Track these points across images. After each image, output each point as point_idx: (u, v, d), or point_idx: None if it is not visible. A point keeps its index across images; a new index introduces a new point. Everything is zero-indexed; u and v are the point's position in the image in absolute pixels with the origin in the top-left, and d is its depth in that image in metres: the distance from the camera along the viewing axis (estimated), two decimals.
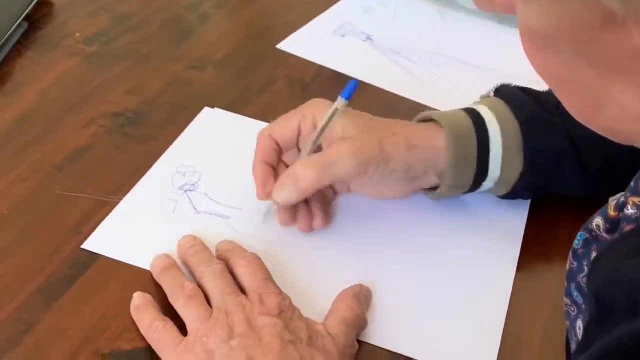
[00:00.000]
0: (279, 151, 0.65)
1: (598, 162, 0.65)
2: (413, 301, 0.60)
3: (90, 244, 0.62)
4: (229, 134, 0.75)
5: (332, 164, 0.60)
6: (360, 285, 0.59)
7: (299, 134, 0.64)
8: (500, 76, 0.85)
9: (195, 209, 0.66)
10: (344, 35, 0.92)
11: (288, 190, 0.61)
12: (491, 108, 0.65)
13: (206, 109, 0.78)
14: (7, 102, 0.77)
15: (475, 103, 0.67)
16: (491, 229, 0.67)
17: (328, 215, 0.65)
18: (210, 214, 0.66)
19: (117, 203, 0.66)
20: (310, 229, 0.64)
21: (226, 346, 0.50)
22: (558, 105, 0.62)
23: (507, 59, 0.89)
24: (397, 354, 0.56)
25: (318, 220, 0.64)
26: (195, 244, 0.60)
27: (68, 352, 0.54)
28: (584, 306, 0.52)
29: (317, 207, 0.64)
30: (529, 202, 0.69)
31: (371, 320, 0.57)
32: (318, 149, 0.63)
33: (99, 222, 0.64)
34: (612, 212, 0.49)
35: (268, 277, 0.57)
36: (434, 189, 0.65)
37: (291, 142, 0.64)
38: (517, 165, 0.64)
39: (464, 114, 0.64)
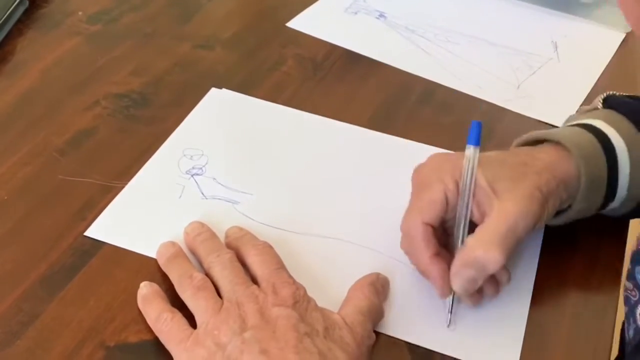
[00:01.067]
0: (438, 234, 0.56)
1: None
2: (431, 291, 0.57)
3: (94, 231, 0.59)
4: (238, 115, 0.72)
5: (511, 230, 0.53)
6: (377, 274, 0.56)
7: (447, 204, 0.55)
8: (516, 52, 0.84)
9: (202, 193, 0.63)
10: (356, 13, 0.89)
11: (473, 279, 0.53)
12: (610, 123, 0.59)
13: (213, 90, 0.75)
14: (7, 83, 0.75)
15: (586, 116, 0.61)
16: None
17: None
18: (219, 199, 0.63)
19: (122, 188, 0.63)
20: (499, 290, 0.57)
21: (238, 339, 0.48)
22: None
23: (522, 35, 0.88)
24: (416, 345, 0.53)
25: (505, 276, 0.56)
26: (203, 231, 0.58)
27: (71, 345, 0.52)
28: None
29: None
30: None
31: (388, 311, 0.55)
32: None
33: (103, 208, 0.62)
34: None
35: (281, 266, 0.54)
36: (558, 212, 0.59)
37: (445, 217, 0.56)
38: None
39: (585, 132, 0.59)
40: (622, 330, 0.53)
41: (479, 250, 0.52)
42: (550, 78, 0.81)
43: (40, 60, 0.78)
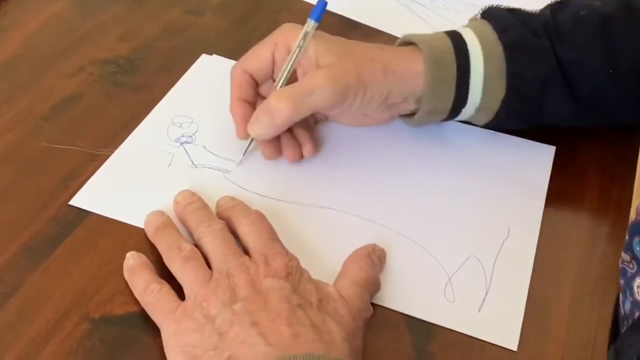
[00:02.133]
0: (255, 85, 0.62)
1: (586, 90, 0.62)
2: (429, 262, 0.56)
3: (79, 200, 0.57)
4: (228, 82, 0.70)
5: (308, 94, 0.57)
6: (374, 245, 0.55)
7: (273, 64, 0.61)
8: None
9: (192, 162, 0.61)
10: None
11: (264, 125, 0.58)
12: (476, 31, 0.61)
13: (203, 56, 0.73)
14: None
15: (463, 26, 0.63)
16: (513, 182, 0.62)
17: (315, 141, 0.63)
18: (209, 167, 0.61)
19: (108, 156, 0.61)
20: (299, 157, 0.61)
21: (228, 311, 0.46)
22: (548, 26, 0.61)
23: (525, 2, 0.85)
24: (413, 318, 0.52)
25: (308, 147, 0.61)
26: (194, 200, 0.56)
27: (55, 317, 0.50)
28: None
29: (303, 134, 0.62)
30: (552, 151, 0.65)
31: (385, 283, 0.53)
32: (293, 77, 0.60)
33: (89, 177, 0.59)
34: None
35: (273, 236, 0.52)
36: (411, 114, 0.63)
37: (266, 73, 0.62)
38: (499, 91, 0.60)
39: (445, 36, 0.61)
40: (617, 304, 0.52)
41: (273, 99, 0.58)
42: None
43: (24, 25, 0.75)
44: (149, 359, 0.48)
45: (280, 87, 0.60)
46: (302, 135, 0.62)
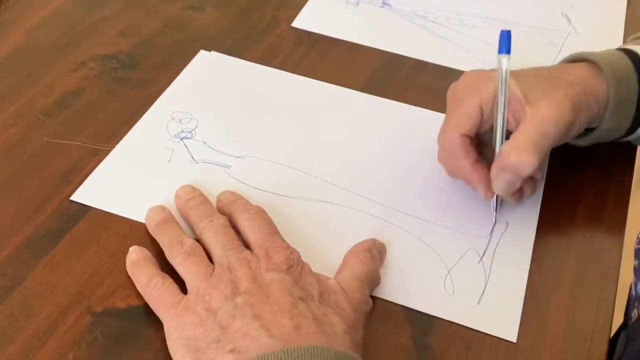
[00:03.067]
0: (476, 142, 0.59)
1: None
2: (429, 255, 0.56)
3: (80, 195, 0.58)
4: (228, 78, 0.70)
5: (543, 137, 0.55)
6: (374, 240, 0.55)
7: (482, 116, 0.57)
8: (535, 30, 0.82)
9: (192, 157, 0.62)
10: (357, 4, 0.84)
11: (509, 181, 0.56)
12: None
13: (202, 52, 0.73)
14: None
15: (630, 44, 0.62)
16: None
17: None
18: (210, 162, 0.61)
19: (109, 151, 0.61)
20: (536, 188, 0.60)
21: (230, 304, 0.46)
22: None
23: (532, 11, 0.85)
24: (413, 310, 0.52)
25: (539, 174, 0.60)
26: (195, 195, 0.56)
27: (57, 310, 0.50)
28: None
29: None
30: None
31: (385, 276, 0.54)
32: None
33: (90, 172, 0.60)
34: None
35: (274, 230, 0.53)
36: (586, 132, 0.61)
37: (480, 127, 0.58)
38: None
39: (620, 53, 0.60)
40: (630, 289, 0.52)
41: (513, 156, 0.54)
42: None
43: (25, 20, 0.76)
44: (151, 352, 0.48)
45: (502, 140, 0.57)
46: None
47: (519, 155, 0.54)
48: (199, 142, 0.63)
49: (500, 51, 0.56)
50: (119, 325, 0.50)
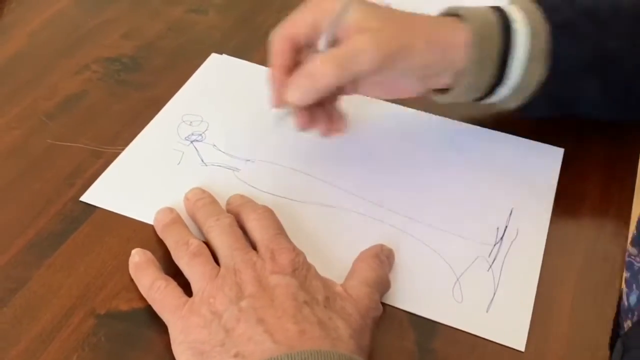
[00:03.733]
0: (298, 51, 0.59)
1: (621, 81, 0.61)
2: (437, 262, 0.56)
3: (90, 196, 0.58)
4: (239, 81, 0.70)
5: (353, 58, 0.55)
6: (382, 245, 0.54)
7: (315, 29, 0.57)
8: None
9: (202, 160, 0.62)
10: None
11: (305, 89, 0.56)
12: (522, 8, 0.60)
13: (214, 55, 0.73)
14: None
15: (508, 3, 0.62)
16: (522, 183, 0.62)
17: (345, 119, 0.61)
18: (219, 165, 0.61)
19: (113, 153, 0.61)
20: (330, 132, 0.60)
21: (235, 308, 0.46)
22: (594, 12, 0.59)
23: None
24: (417, 316, 0.52)
25: (341, 123, 0.60)
26: (204, 196, 0.56)
27: (60, 313, 0.50)
28: None
29: (334, 109, 0.61)
30: (561, 154, 0.65)
31: (392, 282, 0.53)
32: (334, 43, 0.57)
33: (93, 173, 0.60)
34: None
35: (281, 231, 0.52)
36: (444, 90, 0.61)
37: (309, 39, 0.58)
38: (540, 72, 0.59)
39: (491, 11, 0.60)
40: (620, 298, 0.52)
41: (317, 62, 0.55)
42: None
43: (28, 22, 0.76)
44: (154, 355, 0.48)
45: (323, 50, 0.57)
46: (333, 111, 0.61)
47: (322, 63, 0.55)
48: (209, 145, 0.63)
49: None
50: (122, 327, 0.49)
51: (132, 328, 0.49)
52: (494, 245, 0.57)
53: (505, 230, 0.58)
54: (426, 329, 0.51)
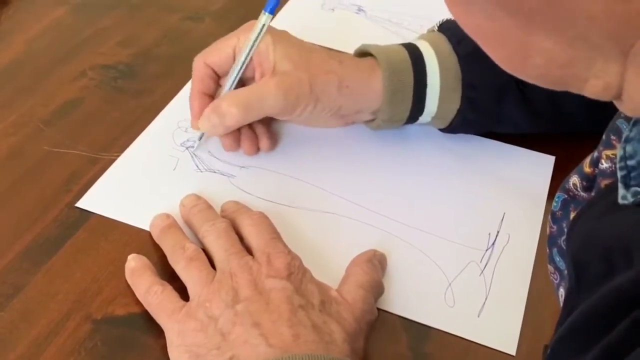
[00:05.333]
0: (216, 78, 0.62)
1: (542, 99, 0.62)
2: (430, 267, 0.56)
3: (86, 202, 0.58)
4: None
5: (258, 102, 0.59)
6: (374, 250, 0.55)
7: (234, 59, 0.61)
8: None
9: (197, 166, 0.62)
10: (333, 10, 0.85)
11: (213, 124, 0.59)
12: (431, 43, 0.62)
13: None
14: None
15: (417, 38, 0.64)
16: (514, 190, 0.63)
17: (273, 136, 0.64)
18: (214, 171, 0.62)
19: (109, 160, 0.62)
20: (256, 151, 0.63)
21: (230, 311, 0.47)
22: None
23: None
24: (409, 321, 0.52)
25: (264, 142, 0.63)
26: (199, 202, 0.57)
27: (57, 318, 0.50)
28: (565, 272, 0.48)
29: (261, 128, 0.63)
30: (552, 161, 0.66)
31: (386, 287, 0.54)
32: (251, 74, 0.61)
33: (90, 180, 0.60)
34: (587, 169, 0.46)
35: (276, 236, 0.53)
36: (371, 120, 0.64)
37: (227, 67, 0.61)
38: (455, 101, 0.61)
39: (401, 48, 0.62)
40: None
41: (224, 102, 0.59)
42: None
43: (26, 30, 0.76)
44: (150, 359, 0.49)
45: (231, 86, 0.60)
46: (260, 130, 0.63)
47: (229, 103, 0.58)
48: (204, 151, 0.64)
49: (265, 9, 0.58)
50: (118, 332, 0.50)
51: (128, 333, 0.50)
52: (486, 250, 0.58)
53: (497, 236, 0.59)
54: (419, 334, 0.52)
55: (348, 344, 0.46)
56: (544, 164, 0.65)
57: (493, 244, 0.58)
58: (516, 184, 0.63)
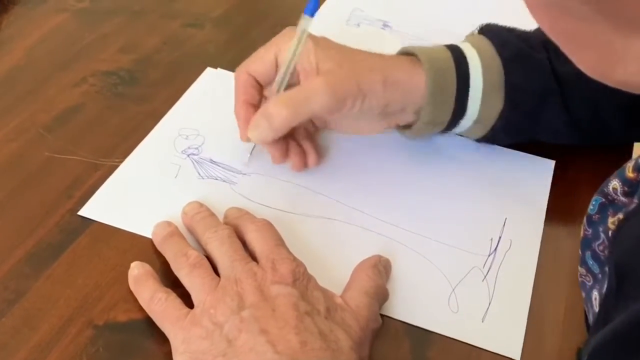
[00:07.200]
0: (259, 88, 0.62)
1: (582, 107, 0.62)
2: (433, 273, 0.56)
3: (88, 210, 0.58)
4: (233, 95, 0.71)
5: (307, 100, 0.58)
6: (379, 256, 0.55)
7: (276, 67, 0.61)
8: None
9: (199, 173, 0.62)
10: (358, 25, 0.84)
11: (263, 129, 0.58)
12: (474, 45, 0.62)
13: (208, 69, 0.74)
14: None
15: (461, 41, 0.64)
16: (514, 195, 0.63)
17: (319, 151, 0.64)
18: (216, 179, 0.62)
19: (110, 166, 0.62)
20: (303, 166, 0.62)
21: (236, 318, 0.46)
22: (546, 42, 0.61)
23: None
24: (412, 326, 0.52)
25: (312, 157, 0.62)
26: (202, 210, 0.56)
27: (59, 324, 0.50)
28: (599, 275, 0.48)
29: (308, 144, 0.63)
30: (552, 165, 0.66)
31: (390, 293, 0.54)
32: (295, 81, 0.60)
33: (91, 186, 0.60)
34: (630, 174, 0.45)
35: (280, 242, 0.53)
36: (408, 126, 0.63)
37: (269, 76, 0.61)
38: (497, 103, 0.61)
39: (444, 49, 0.62)
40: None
41: (272, 104, 0.58)
42: None
43: (27, 36, 0.76)
44: None
45: (279, 91, 0.60)
46: (307, 146, 0.62)
47: (276, 104, 0.58)
48: (205, 158, 0.64)
49: (305, 11, 0.58)
50: (120, 338, 0.50)
51: (130, 339, 0.50)
52: (488, 255, 0.58)
53: (499, 241, 0.59)
54: (421, 338, 0.52)
55: (355, 351, 0.46)
56: (544, 168, 0.66)
57: (495, 249, 0.58)
58: (517, 188, 0.64)
